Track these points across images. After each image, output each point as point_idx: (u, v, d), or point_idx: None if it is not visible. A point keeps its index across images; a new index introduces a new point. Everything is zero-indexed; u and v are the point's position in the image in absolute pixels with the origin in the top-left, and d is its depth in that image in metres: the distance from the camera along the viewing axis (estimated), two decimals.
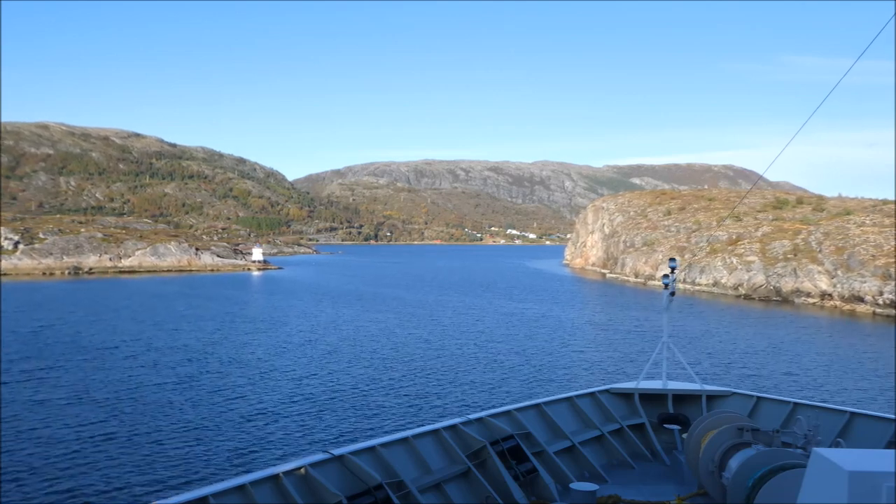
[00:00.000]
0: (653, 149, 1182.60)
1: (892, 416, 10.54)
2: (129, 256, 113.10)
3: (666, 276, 12.98)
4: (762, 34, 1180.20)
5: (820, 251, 78.60)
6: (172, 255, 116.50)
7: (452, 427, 9.78)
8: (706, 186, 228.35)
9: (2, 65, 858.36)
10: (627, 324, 52.47)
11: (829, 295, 70.78)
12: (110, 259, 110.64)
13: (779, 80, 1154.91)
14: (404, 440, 9.07)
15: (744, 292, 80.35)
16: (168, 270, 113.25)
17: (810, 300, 72.00)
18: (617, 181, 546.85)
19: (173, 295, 71.89)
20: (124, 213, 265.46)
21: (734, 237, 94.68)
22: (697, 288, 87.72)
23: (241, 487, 7.01)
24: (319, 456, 8.04)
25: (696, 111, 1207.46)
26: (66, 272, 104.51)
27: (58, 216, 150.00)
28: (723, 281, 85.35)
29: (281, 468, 7.52)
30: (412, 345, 41.08)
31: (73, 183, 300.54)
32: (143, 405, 25.25)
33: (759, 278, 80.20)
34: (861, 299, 66.48)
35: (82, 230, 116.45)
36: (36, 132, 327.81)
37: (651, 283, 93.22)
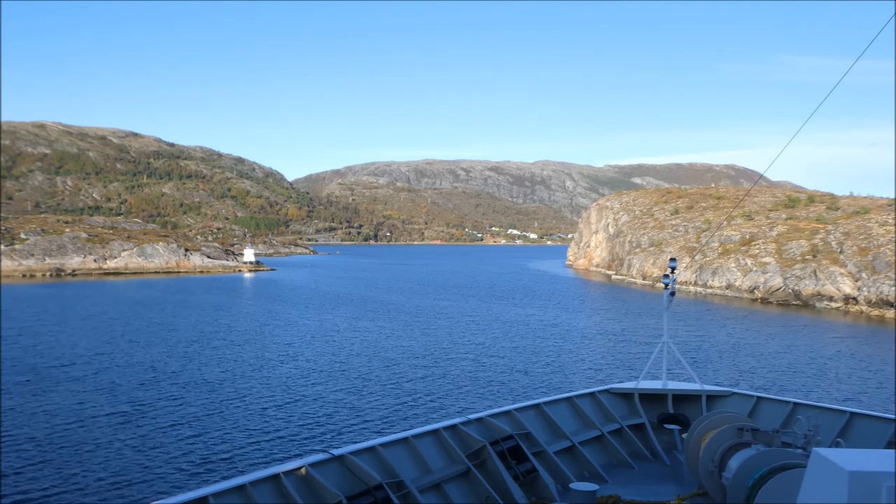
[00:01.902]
0: (654, 149, 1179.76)
1: (892, 416, 10.38)
2: (115, 257, 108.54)
3: (666, 276, 13.03)
4: (762, 34, 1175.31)
5: (841, 252, 74.03)
6: (160, 256, 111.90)
7: (452, 427, 9.70)
8: (713, 185, 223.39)
9: (1, 64, 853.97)
10: (644, 333, 47.85)
11: (854, 299, 66.14)
12: (95, 260, 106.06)
13: (779, 80, 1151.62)
14: (404, 440, 8.99)
15: (760, 296, 75.72)
16: (156, 272, 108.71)
17: (833, 305, 67.33)
18: (618, 181, 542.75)
19: (153, 301, 67.30)
20: (121, 213, 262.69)
21: (747, 237, 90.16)
22: (710, 291, 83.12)
23: (241, 487, 6.95)
24: (319, 456, 7.98)
25: (697, 111, 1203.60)
26: (48, 274, 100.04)
27: (42, 216, 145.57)
28: (736, 283, 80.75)
29: (281, 468, 7.45)
30: (404, 361, 36.53)
31: (69, 183, 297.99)
32: (60, 449, 20.66)
33: (777, 281, 75.59)
34: (890, 304, 61.83)
35: (67, 230, 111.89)
36: (33, 132, 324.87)
37: (659, 285, 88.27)
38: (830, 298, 68.10)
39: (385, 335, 45.55)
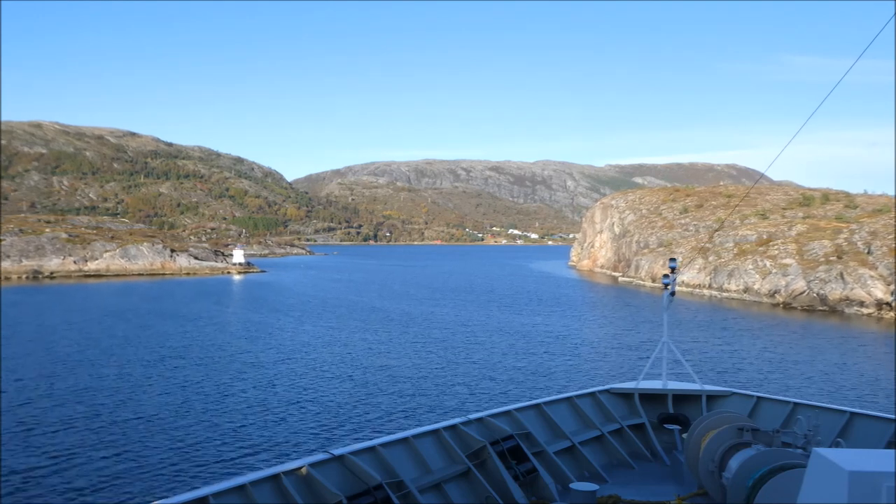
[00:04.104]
0: (655, 148, 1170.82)
1: (892, 416, 10.29)
2: (97, 259, 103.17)
3: (666, 276, 12.88)
4: (762, 34, 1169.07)
5: (870, 252, 68.68)
6: (144, 258, 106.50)
7: (452, 427, 9.67)
8: (722, 183, 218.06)
9: (1, 65, 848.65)
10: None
11: (888, 304, 60.75)
12: (75, 262, 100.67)
13: (779, 80, 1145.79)
14: (404, 440, 8.99)
15: (781, 300, 70.30)
16: (139, 274, 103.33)
17: (864, 310, 61.90)
18: (619, 180, 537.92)
19: (123, 309, 61.76)
20: (118, 213, 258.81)
21: (764, 237, 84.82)
22: (726, 295, 77.71)
23: (241, 487, 6.94)
24: (319, 456, 7.98)
25: (698, 111, 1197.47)
26: (25, 277, 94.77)
27: (22, 215, 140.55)
28: (755, 287, 75.34)
29: (281, 468, 7.45)
30: (385, 393, 31.23)
31: (65, 183, 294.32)
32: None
33: (799, 284, 70.18)
34: None
35: (47, 230, 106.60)
36: (29, 131, 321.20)
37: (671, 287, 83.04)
38: (861, 303, 62.68)
39: (366, 351, 40.24)
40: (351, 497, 7.46)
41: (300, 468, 7.50)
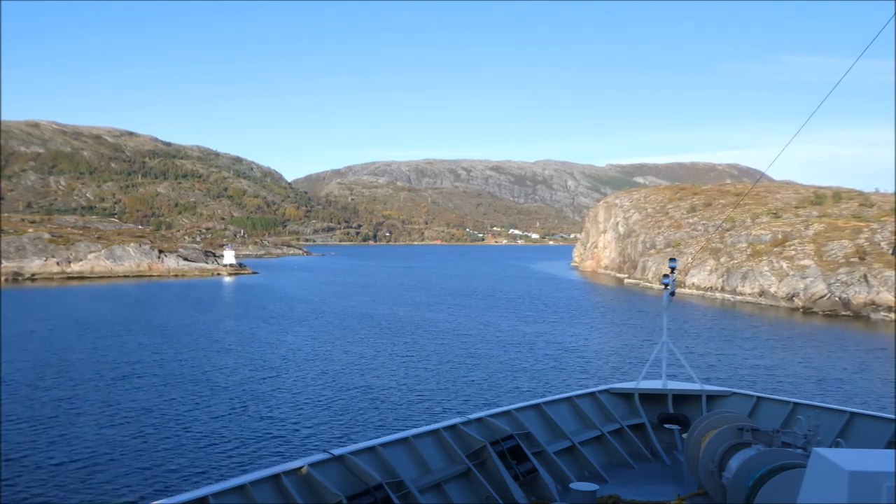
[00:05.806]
0: (655, 148, 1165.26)
1: (892, 416, 10.23)
2: (81, 260, 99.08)
3: (666, 276, 12.63)
4: (762, 34, 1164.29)
5: (894, 253, 64.55)
6: (131, 259, 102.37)
7: (452, 427, 9.71)
8: (729, 181, 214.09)
9: (1, 64, 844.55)
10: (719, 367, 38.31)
11: None
12: (58, 263, 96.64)
13: (779, 80, 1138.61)
14: (404, 440, 9.02)
15: (801, 304, 66.11)
16: (125, 276, 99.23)
17: (892, 316, 57.71)
18: (620, 180, 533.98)
19: (100, 315, 57.68)
20: (115, 214, 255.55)
21: (779, 237, 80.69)
22: (740, 298, 73.53)
23: (241, 487, 6.94)
24: (319, 456, 7.97)
25: (698, 111, 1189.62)
26: (5, 279, 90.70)
27: (6, 214, 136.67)
28: (771, 290, 71.16)
29: (281, 468, 7.45)
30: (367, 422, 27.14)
31: (63, 182, 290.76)
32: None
33: (819, 287, 66.01)
34: None
35: (30, 230, 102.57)
36: (26, 130, 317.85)
37: (683, 290, 79.00)
38: (888, 308, 58.53)
39: (351, 365, 36.14)
40: (351, 497, 7.47)
41: (300, 468, 7.49)
